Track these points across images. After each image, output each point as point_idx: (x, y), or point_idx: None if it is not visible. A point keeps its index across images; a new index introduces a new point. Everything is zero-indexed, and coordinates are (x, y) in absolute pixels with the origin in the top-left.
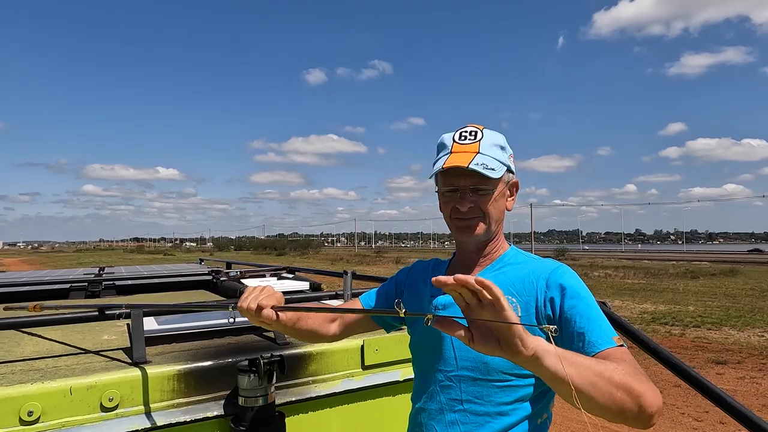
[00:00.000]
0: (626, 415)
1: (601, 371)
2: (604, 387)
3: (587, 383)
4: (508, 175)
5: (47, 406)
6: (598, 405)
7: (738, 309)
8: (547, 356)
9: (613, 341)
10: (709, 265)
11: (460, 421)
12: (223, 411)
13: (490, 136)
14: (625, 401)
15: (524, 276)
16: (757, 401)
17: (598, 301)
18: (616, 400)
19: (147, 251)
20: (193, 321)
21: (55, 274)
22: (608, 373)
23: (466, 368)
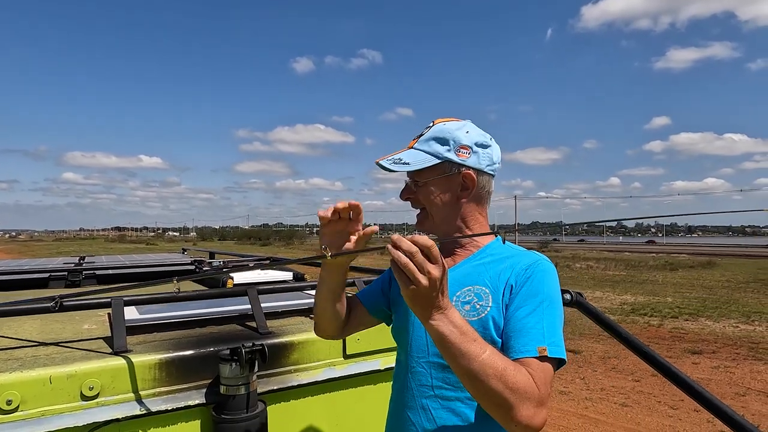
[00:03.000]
0: (495, 416)
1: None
2: (482, 380)
3: (466, 369)
4: (448, 167)
5: (26, 394)
6: (471, 392)
7: (714, 300)
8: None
9: (535, 351)
10: (688, 258)
11: (431, 407)
12: (204, 399)
13: (436, 130)
14: (495, 405)
15: (503, 269)
16: (730, 389)
17: (575, 291)
18: (490, 399)
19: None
20: (174, 311)
21: (33, 264)
22: (495, 371)
23: (436, 354)
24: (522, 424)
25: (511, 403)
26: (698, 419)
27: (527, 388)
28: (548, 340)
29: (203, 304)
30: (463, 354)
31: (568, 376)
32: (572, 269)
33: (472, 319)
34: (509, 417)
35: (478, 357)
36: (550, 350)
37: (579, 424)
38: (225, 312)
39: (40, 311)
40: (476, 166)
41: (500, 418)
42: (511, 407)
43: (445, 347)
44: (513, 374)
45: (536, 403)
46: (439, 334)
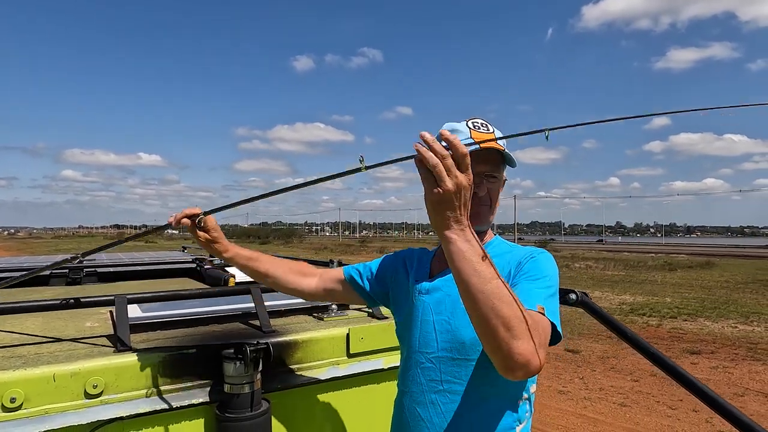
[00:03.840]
0: (494, 348)
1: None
2: (492, 304)
3: (478, 289)
4: (505, 166)
5: (30, 392)
6: (475, 317)
7: (713, 301)
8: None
9: (534, 306)
10: (687, 258)
11: (440, 402)
12: (208, 398)
13: (493, 129)
14: (498, 334)
15: (508, 260)
16: (729, 390)
17: (580, 291)
18: (494, 326)
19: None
20: (177, 309)
21: (34, 261)
22: (507, 297)
23: (445, 349)
24: (523, 357)
25: (516, 332)
26: (697, 419)
27: (534, 325)
28: (548, 307)
29: (206, 302)
30: (477, 272)
31: (566, 376)
32: (571, 269)
33: None
34: (510, 348)
35: (493, 279)
36: (548, 313)
37: (578, 423)
38: (228, 310)
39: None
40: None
41: (501, 350)
42: (515, 336)
43: (457, 263)
44: (523, 307)
45: (538, 342)
46: (456, 247)
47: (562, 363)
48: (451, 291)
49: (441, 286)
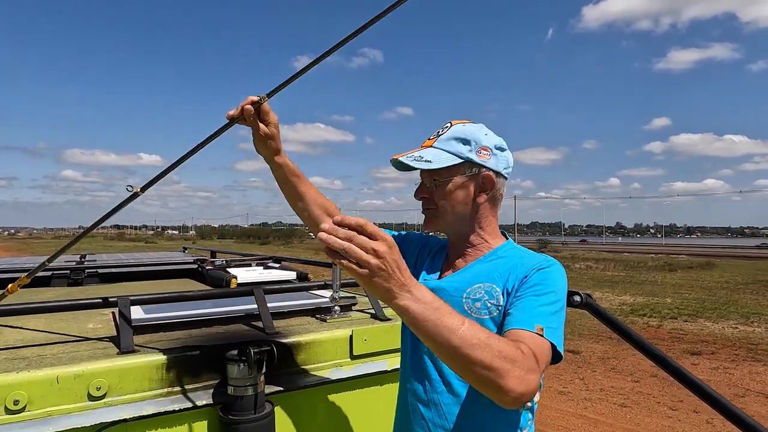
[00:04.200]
0: (484, 389)
1: (473, 340)
2: (465, 352)
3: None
4: (469, 167)
5: (33, 394)
6: (455, 368)
7: (713, 301)
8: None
9: (533, 327)
10: (687, 259)
11: (443, 403)
12: (212, 400)
13: (457, 131)
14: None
15: (512, 266)
16: (729, 390)
17: (584, 293)
18: (476, 372)
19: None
20: (180, 310)
21: (35, 262)
22: (478, 340)
23: None
24: (515, 392)
25: (499, 371)
26: (697, 420)
27: (514, 355)
28: (548, 325)
29: (209, 303)
30: (440, 329)
31: (567, 377)
32: (572, 269)
33: (483, 317)
34: (498, 386)
35: (458, 329)
36: (548, 333)
37: (578, 424)
38: (231, 312)
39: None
40: (495, 168)
41: (490, 390)
42: (500, 375)
43: (419, 326)
44: (497, 342)
45: (525, 370)
46: (409, 313)
47: (562, 364)
48: (455, 296)
49: (446, 287)
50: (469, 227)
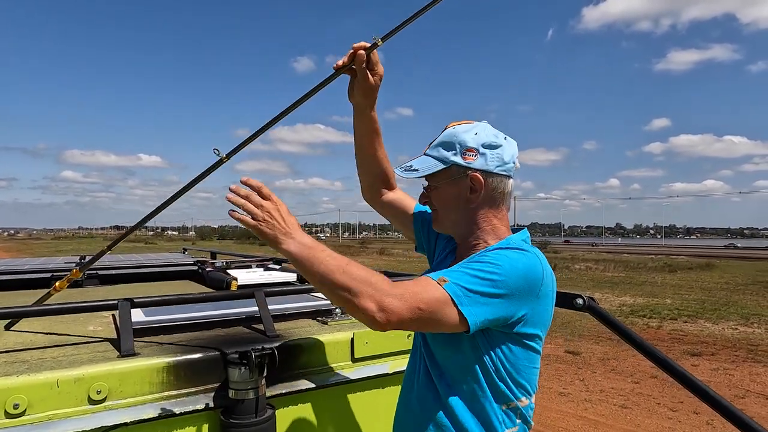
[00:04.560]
0: (349, 310)
1: (335, 269)
2: (329, 279)
3: (317, 275)
4: (456, 171)
5: (33, 398)
6: (325, 294)
7: (713, 302)
8: (288, 246)
9: (436, 277)
10: (686, 260)
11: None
12: (212, 403)
13: (445, 135)
14: (342, 298)
15: None
16: (729, 392)
17: (587, 296)
18: (337, 293)
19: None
20: (181, 313)
21: (34, 263)
22: (338, 267)
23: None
24: (369, 310)
25: (355, 291)
26: (698, 421)
27: (375, 280)
28: (458, 283)
29: (209, 306)
30: (312, 262)
31: (567, 378)
32: (571, 270)
33: None
34: (354, 305)
35: (324, 260)
36: (450, 286)
37: (578, 425)
38: (232, 314)
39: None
40: (483, 167)
41: (350, 309)
42: (355, 295)
43: (298, 264)
44: (358, 270)
45: (384, 294)
46: (289, 254)
47: (562, 365)
48: None
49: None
50: (466, 229)
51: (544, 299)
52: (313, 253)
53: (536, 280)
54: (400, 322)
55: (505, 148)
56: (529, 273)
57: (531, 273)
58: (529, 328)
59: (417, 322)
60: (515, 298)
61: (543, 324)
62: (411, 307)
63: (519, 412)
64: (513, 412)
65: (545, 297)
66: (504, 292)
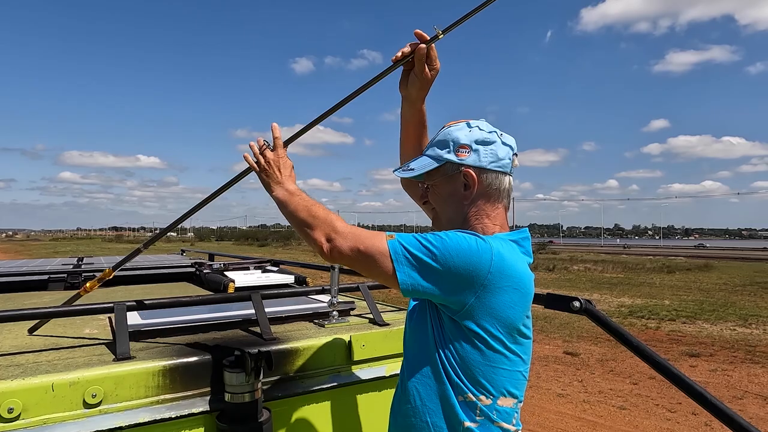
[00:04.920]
0: (306, 241)
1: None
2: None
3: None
4: (450, 168)
5: (28, 402)
6: (294, 227)
7: (711, 303)
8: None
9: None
10: (685, 260)
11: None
12: (208, 407)
13: (441, 134)
14: (303, 232)
15: None
16: (728, 392)
17: (584, 298)
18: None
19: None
20: (178, 315)
21: (32, 264)
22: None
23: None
24: (318, 241)
25: (312, 226)
26: (696, 422)
27: (329, 218)
28: (402, 242)
29: (206, 308)
30: (288, 205)
31: (566, 379)
32: (570, 271)
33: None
34: (310, 237)
35: (298, 203)
36: (393, 243)
37: (577, 426)
38: (228, 317)
39: None
40: (476, 164)
41: (307, 240)
42: (311, 228)
43: (280, 206)
44: (320, 209)
45: (335, 231)
46: (276, 199)
47: (561, 366)
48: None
49: None
50: (461, 226)
51: (496, 292)
52: (291, 198)
53: (480, 267)
54: (341, 256)
55: (499, 144)
56: (473, 257)
57: (475, 258)
58: (479, 321)
59: (356, 261)
60: (453, 277)
61: (499, 320)
62: (352, 247)
63: (479, 409)
64: (470, 408)
65: (498, 290)
66: (439, 267)
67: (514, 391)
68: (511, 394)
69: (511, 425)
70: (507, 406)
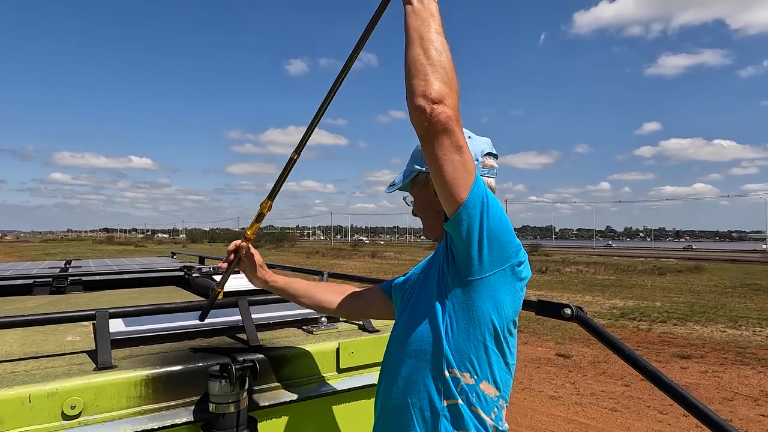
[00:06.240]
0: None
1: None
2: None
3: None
4: (424, 177)
5: (4, 414)
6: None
7: (702, 305)
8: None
9: None
10: (676, 262)
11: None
12: (192, 417)
13: (416, 147)
14: (421, 70)
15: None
16: (718, 394)
17: (576, 305)
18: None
19: (117, 242)
20: (162, 322)
21: (18, 267)
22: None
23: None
24: (422, 91)
25: (433, 64)
26: (687, 424)
27: (453, 77)
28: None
29: (192, 315)
30: (424, 21)
31: (558, 381)
32: (562, 273)
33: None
34: (421, 79)
35: (432, 22)
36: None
37: (569, 428)
38: (215, 323)
39: None
40: None
41: (414, 79)
42: (434, 73)
43: (413, 15)
44: (450, 61)
45: (448, 93)
46: (411, 5)
47: (553, 368)
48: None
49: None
50: (441, 232)
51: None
52: (428, 19)
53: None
54: (442, 122)
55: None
56: (514, 237)
57: (515, 240)
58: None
59: (442, 145)
60: (500, 241)
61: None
62: (455, 130)
63: (460, 387)
64: (454, 383)
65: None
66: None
67: (498, 382)
68: (495, 382)
69: (489, 417)
70: (488, 394)
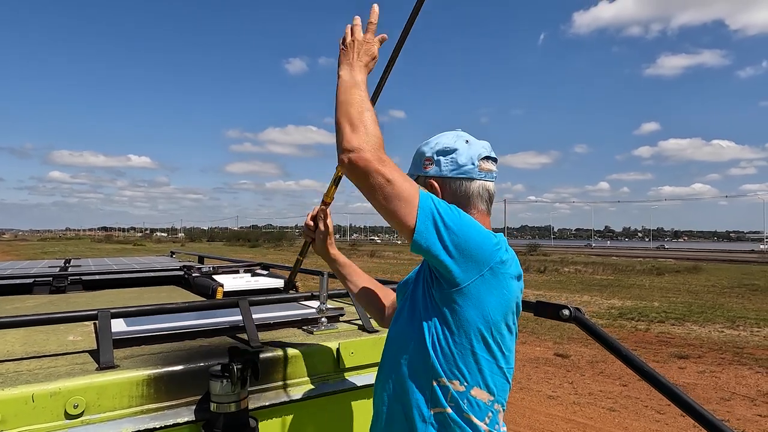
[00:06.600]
0: (340, 136)
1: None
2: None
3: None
4: (421, 181)
5: (7, 414)
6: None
7: (700, 305)
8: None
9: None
10: (674, 263)
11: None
12: (194, 417)
13: (416, 152)
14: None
15: None
16: (716, 394)
17: (574, 306)
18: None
19: (116, 241)
20: (164, 322)
21: (18, 266)
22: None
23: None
24: (347, 145)
25: (353, 126)
26: (684, 424)
27: (373, 132)
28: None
29: (193, 315)
30: (345, 91)
31: (556, 381)
32: (561, 273)
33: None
34: (344, 136)
35: (354, 91)
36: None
37: (567, 428)
38: (215, 324)
39: None
40: (438, 174)
41: (339, 137)
42: (351, 129)
43: (338, 92)
44: (370, 116)
45: (370, 145)
46: (338, 80)
47: (551, 368)
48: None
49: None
50: None
51: (499, 278)
52: (352, 87)
53: (491, 249)
54: (361, 170)
55: (461, 152)
56: (487, 239)
57: (488, 239)
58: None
59: (375, 186)
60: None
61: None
62: (380, 170)
63: (450, 395)
64: (443, 392)
65: (501, 276)
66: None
67: (491, 387)
68: (487, 387)
69: (483, 423)
70: (481, 399)
